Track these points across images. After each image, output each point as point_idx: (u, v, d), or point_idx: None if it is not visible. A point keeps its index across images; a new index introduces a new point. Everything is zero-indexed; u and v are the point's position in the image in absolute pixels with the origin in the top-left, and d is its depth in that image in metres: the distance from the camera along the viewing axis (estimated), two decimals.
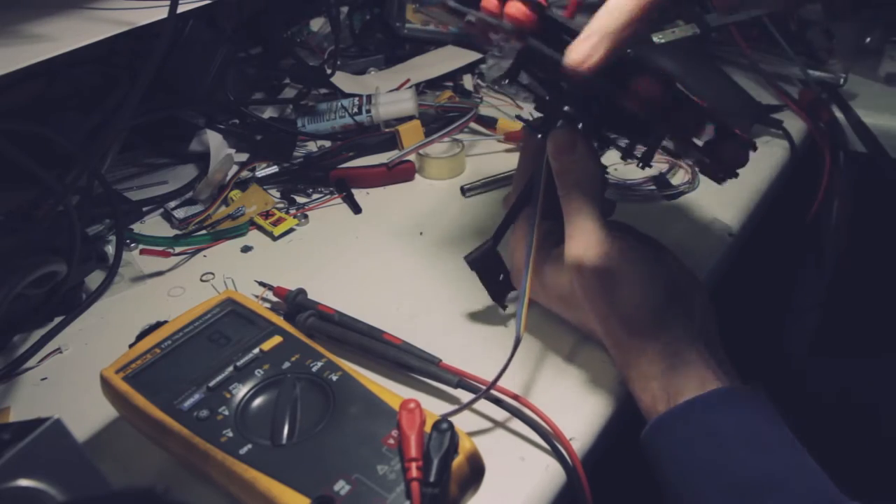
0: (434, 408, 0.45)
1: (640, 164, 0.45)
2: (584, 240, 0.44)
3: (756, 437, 0.40)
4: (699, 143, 0.42)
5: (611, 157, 0.52)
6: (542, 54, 0.41)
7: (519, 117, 0.56)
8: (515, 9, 0.40)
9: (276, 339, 0.44)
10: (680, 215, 0.63)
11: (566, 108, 0.47)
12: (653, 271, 0.44)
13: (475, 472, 0.38)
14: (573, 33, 0.39)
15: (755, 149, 0.43)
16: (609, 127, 0.47)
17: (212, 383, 0.41)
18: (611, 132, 0.48)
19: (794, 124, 0.74)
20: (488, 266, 0.51)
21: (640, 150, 0.46)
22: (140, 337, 0.46)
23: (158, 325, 0.46)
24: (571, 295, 0.47)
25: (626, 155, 0.46)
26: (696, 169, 0.64)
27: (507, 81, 0.51)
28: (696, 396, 0.41)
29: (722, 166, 0.42)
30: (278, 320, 0.46)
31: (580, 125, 0.46)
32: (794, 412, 0.43)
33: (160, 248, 0.62)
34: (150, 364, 0.43)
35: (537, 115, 0.50)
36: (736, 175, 0.43)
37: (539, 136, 0.48)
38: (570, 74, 0.39)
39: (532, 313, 0.52)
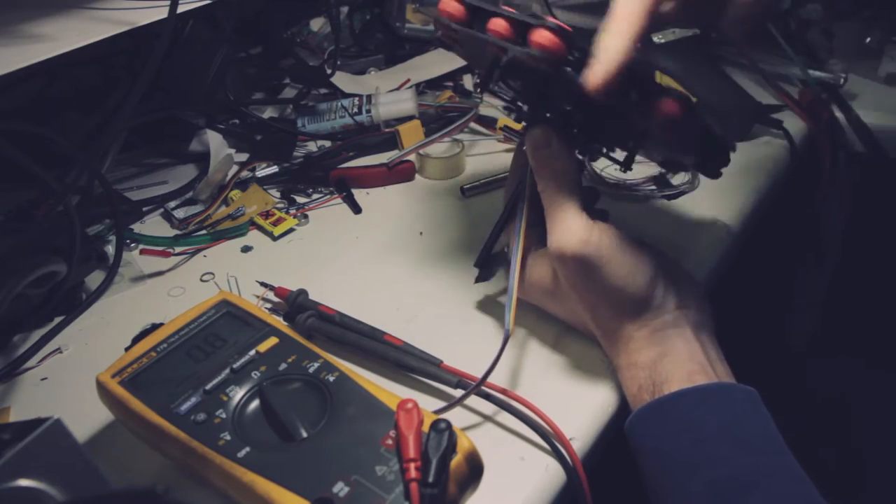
0: (433, 408, 0.45)
1: (623, 169, 0.46)
2: (564, 229, 0.44)
3: (738, 436, 0.40)
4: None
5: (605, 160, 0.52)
6: (564, 80, 0.41)
7: (504, 128, 0.57)
8: (545, 38, 0.40)
9: (273, 341, 0.44)
10: (680, 215, 0.63)
11: (546, 114, 0.47)
12: (638, 258, 0.44)
13: (474, 471, 0.38)
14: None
15: (734, 149, 0.44)
16: (589, 133, 0.48)
17: (208, 386, 0.41)
18: (590, 138, 0.48)
19: (794, 124, 0.73)
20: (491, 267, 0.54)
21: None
22: (136, 340, 0.46)
23: (154, 327, 0.46)
24: (557, 288, 0.47)
25: (608, 158, 0.48)
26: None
27: (479, 91, 0.52)
28: (681, 389, 0.41)
29: (706, 171, 0.43)
30: (274, 321, 0.46)
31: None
32: (792, 411, 0.43)
33: (160, 248, 0.62)
34: (146, 368, 0.42)
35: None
36: (719, 174, 0.44)
37: (524, 147, 0.49)
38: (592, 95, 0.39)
39: (534, 316, 0.52)
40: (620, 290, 0.44)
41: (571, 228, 0.44)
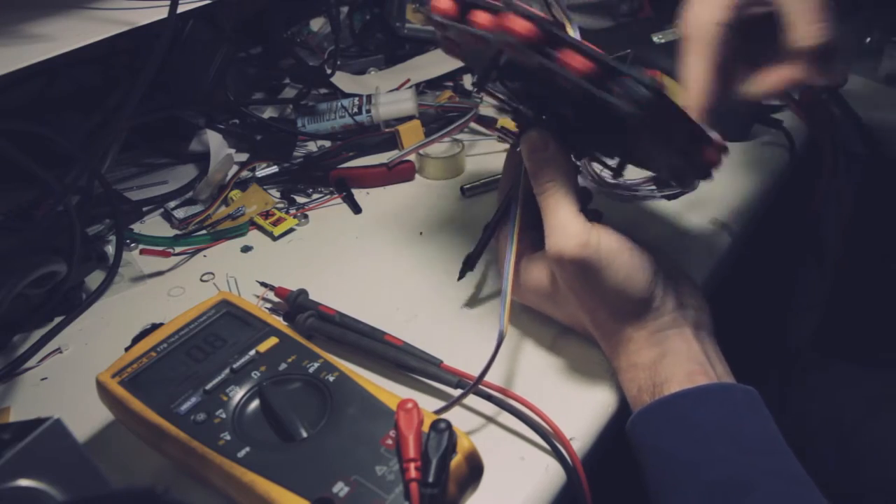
0: (433, 408, 0.45)
1: (612, 175, 0.47)
2: (562, 233, 0.44)
3: (738, 436, 0.40)
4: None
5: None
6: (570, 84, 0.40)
7: (500, 129, 0.57)
8: (581, 64, 0.38)
9: (273, 341, 0.44)
10: (680, 215, 0.63)
11: (543, 116, 0.47)
12: (637, 260, 0.44)
13: (474, 471, 0.38)
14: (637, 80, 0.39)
15: (727, 152, 0.44)
16: (583, 136, 0.48)
17: (208, 386, 0.41)
18: (585, 142, 0.48)
19: (794, 124, 0.74)
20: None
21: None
22: (136, 340, 0.46)
23: (154, 327, 0.46)
24: (555, 291, 0.47)
25: (600, 162, 0.47)
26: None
27: (476, 90, 0.51)
28: (681, 390, 0.41)
29: (696, 169, 0.43)
30: (274, 321, 0.46)
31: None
32: (792, 411, 0.43)
33: (160, 248, 0.62)
34: (146, 367, 0.42)
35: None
36: (710, 176, 0.44)
37: (518, 149, 0.49)
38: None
39: (534, 316, 0.52)
40: (620, 292, 0.44)
41: (570, 232, 0.44)
